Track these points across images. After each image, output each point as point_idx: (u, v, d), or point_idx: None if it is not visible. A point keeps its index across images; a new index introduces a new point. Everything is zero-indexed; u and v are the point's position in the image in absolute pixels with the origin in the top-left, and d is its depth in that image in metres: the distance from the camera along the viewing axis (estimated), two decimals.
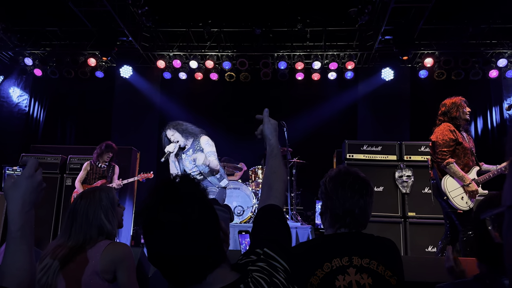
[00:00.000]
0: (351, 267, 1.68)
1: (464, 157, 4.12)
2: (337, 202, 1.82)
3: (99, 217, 2.14)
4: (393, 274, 1.70)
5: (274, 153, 1.68)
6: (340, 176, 1.88)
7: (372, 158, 6.04)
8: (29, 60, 8.64)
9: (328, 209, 1.86)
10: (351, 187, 1.82)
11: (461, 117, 4.21)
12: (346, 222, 1.82)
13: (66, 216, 2.21)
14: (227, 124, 8.85)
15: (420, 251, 5.66)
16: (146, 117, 9.29)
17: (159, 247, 1.09)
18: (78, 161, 6.80)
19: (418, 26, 7.44)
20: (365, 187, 1.85)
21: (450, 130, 4.12)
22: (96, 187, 2.31)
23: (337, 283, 1.64)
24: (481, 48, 8.16)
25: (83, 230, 2.10)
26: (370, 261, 1.71)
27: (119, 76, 8.96)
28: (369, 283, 1.66)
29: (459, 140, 4.11)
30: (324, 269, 1.67)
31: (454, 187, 4.07)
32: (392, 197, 5.87)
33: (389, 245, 1.83)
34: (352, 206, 1.80)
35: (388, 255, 1.76)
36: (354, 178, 1.86)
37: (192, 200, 1.12)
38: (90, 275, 1.99)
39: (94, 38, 8.21)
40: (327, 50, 8.53)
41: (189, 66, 8.72)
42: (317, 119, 8.79)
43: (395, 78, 8.57)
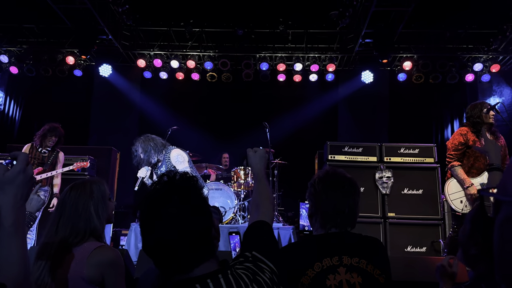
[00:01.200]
0: (341, 266, 1.72)
1: (474, 161, 4.25)
2: (328, 203, 1.85)
3: (89, 210, 2.06)
4: (381, 273, 1.75)
5: (259, 178, 1.84)
6: (329, 177, 1.92)
7: (353, 159, 6.11)
8: (4, 57, 8.42)
9: (318, 210, 1.89)
10: (341, 188, 1.87)
11: (483, 121, 4.31)
12: (337, 222, 1.85)
13: (54, 209, 2.14)
14: (209, 125, 8.86)
15: (400, 250, 5.75)
16: (126, 117, 9.19)
17: (157, 234, 1.19)
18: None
19: (397, 30, 7.59)
20: (353, 187, 1.90)
21: (461, 134, 4.32)
22: (88, 179, 2.22)
23: (328, 282, 1.68)
24: (458, 53, 8.37)
25: (71, 222, 2.02)
26: (359, 260, 1.75)
27: (98, 75, 8.82)
28: (359, 281, 1.70)
29: (469, 144, 4.24)
30: (314, 268, 1.71)
31: (455, 190, 4.23)
32: (372, 198, 5.94)
33: (376, 244, 1.88)
34: (342, 206, 1.85)
35: (376, 254, 1.81)
36: (342, 179, 1.91)
37: (187, 196, 1.23)
38: (76, 279, 1.93)
39: (73, 36, 8.05)
40: (308, 52, 8.61)
41: (170, 65, 8.66)
42: (299, 120, 8.89)
43: (374, 81, 8.70)
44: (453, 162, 4.29)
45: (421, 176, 5.91)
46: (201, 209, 1.25)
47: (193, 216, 1.21)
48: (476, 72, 8.44)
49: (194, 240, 1.20)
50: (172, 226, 1.18)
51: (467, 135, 4.29)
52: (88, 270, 1.93)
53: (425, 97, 8.95)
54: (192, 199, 1.24)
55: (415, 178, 5.98)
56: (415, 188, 5.98)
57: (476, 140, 4.26)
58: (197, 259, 1.21)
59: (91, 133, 8.95)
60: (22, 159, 1.26)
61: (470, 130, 4.34)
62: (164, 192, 1.23)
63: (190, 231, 1.20)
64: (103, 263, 1.98)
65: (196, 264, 1.21)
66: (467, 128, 4.36)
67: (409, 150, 6.10)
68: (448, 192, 4.27)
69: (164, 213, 1.19)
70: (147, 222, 1.21)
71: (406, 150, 6.10)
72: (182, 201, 1.21)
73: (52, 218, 2.09)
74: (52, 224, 2.05)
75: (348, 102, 9.11)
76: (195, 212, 1.22)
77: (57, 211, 2.07)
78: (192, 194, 1.25)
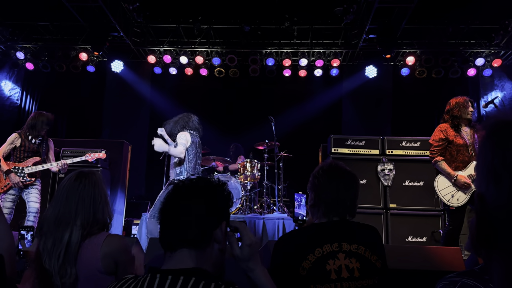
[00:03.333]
0: (341, 252, 1.82)
1: (457, 154, 4.35)
2: (331, 194, 1.94)
3: (103, 200, 2.07)
4: (378, 258, 1.86)
5: None
6: (332, 169, 2.02)
7: (356, 152, 6.28)
8: (21, 54, 8.65)
9: (321, 200, 1.97)
10: (343, 180, 1.97)
11: (462, 117, 4.43)
12: (339, 212, 1.95)
13: (56, 198, 2.02)
14: (216, 119, 8.98)
15: (401, 240, 5.94)
16: (137, 111, 9.40)
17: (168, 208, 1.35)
18: (71, 154, 6.80)
19: (401, 26, 7.69)
20: (353, 179, 2.02)
21: (441, 130, 4.44)
22: (90, 171, 2.14)
23: (327, 267, 1.78)
24: (460, 48, 8.44)
25: (88, 213, 1.99)
26: (358, 246, 1.85)
27: (110, 70, 9.02)
28: (357, 266, 1.80)
29: (450, 139, 4.37)
30: (315, 254, 1.80)
31: (445, 186, 4.34)
32: (374, 190, 6.12)
33: (373, 232, 1.99)
34: (344, 196, 1.95)
35: (373, 241, 1.91)
36: (344, 171, 2.02)
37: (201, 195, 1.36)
38: (92, 271, 1.93)
39: (86, 33, 8.26)
40: (313, 48, 8.74)
41: (179, 61, 8.82)
42: (304, 114, 9.01)
43: (378, 76, 8.80)
44: (436, 157, 4.39)
45: (422, 169, 6.05)
46: (213, 211, 1.35)
47: (207, 215, 1.33)
48: (478, 66, 8.52)
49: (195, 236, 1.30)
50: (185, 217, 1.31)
51: (446, 131, 4.39)
52: (103, 261, 1.94)
53: (427, 92, 9.03)
54: (209, 201, 1.35)
55: (416, 170, 6.13)
56: (416, 180, 6.14)
57: (456, 135, 4.36)
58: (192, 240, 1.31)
59: (104, 127, 9.18)
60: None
61: (449, 125, 4.43)
62: (187, 187, 1.37)
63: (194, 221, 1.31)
64: (116, 251, 1.99)
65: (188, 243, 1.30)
66: (446, 124, 4.45)
67: (411, 143, 6.25)
68: (438, 188, 4.36)
69: (182, 205, 1.33)
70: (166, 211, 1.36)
71: (407, 143, 6.26)
72: (198, 199, 1.34)
73: (56, 209, 1.99)
74: (64, 215, 1.97)
75: (352, 96, 9.22)
76: (209, 212, 1.33)
77: (68, 201, 2.00)
78: (210, 196, 1.36)
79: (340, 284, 1.78)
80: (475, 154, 4.35)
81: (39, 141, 5.22)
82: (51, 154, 5.37)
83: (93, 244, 1.96)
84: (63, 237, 1.92)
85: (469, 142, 4.38)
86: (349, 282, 1.79)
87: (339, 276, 1.79)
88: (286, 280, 1.78)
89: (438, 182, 4.41)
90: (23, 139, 5.13)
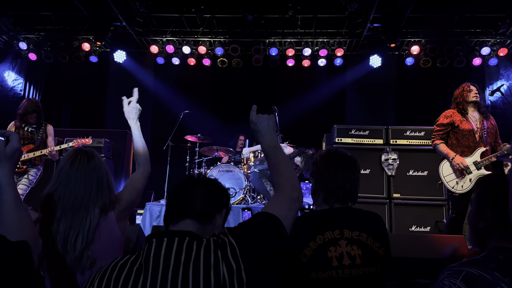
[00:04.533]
0: (342, 239, 1.82)
1: (462, 139, 4.31)
2: (330, 179, 1.96)
3: (110, 180, 2.04)
4: (381, 245, 1.85)
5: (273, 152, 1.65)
6: (330, 155, 2.04)
7: (360, 142, 6.26)
8: (23, 44, 8.63)
9: (321, 186, 1.99)
10: (342, 164, 1.98)
11: (467, 100, 4.38)
12: (339, 197, 1.95)
13: (67, 180, 1.90)
14: (219, 109, 9.00)
15: (404, 230, 5.92)
16: (140, 101, 9.32)
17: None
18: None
19: (405, 15, 7.61)
20: (353, 163, 2.02)
21: (446, 116, 4.41)
22: (89, 149, 2.06)
23: (329, 254, 1.78)
24: (466, 37, 8.34)
25: (101, 197, 1.94)
26: (360, 233, 1.84)
27: (113, 60, 9.00)
28: (359, 254, 1.80)
29: (456, 124, 4.32)
30: (317, 241, 1.80)
31: (450, 172, 4.30)
32: (378, 179, 6.11)
33: (376, 219, 1.98)
34: (343, 181, 1.95)
35: (376, 228, 1.91)
36: (343, 156, 2.03)
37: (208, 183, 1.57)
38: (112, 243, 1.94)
39: (88, 23, 8.25)
40: (317, 37, 8.67)
41: (182, 51, 8.79)
42: (307, 104, 8.95)
43: (382, 65, 8.73)
44: (436, 140, 4.40)
45: (426, 158, 6.01)
46: (217, 197, 1.56)
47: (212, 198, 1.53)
48: (484, 56, 8.42)
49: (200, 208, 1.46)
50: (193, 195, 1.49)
51: (452, 116, 4.36)
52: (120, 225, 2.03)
53: (432, 81, 8.99)
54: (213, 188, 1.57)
55: (420, 160, 6.10)
56: (420, 169, 6.12)
57: (463, 120, 4.31)
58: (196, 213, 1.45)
59: (107, 117, 9.18)
60: (16, 137, 1.39)
61: (456, 111, 4.40)
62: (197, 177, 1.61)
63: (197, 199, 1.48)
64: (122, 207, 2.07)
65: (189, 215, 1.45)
66: (453, 110, 4.42)
67: (415, 133, 6.22)
68: (443, 175, 4.33)
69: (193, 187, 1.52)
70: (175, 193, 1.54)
71: (412, 132, 6.23)
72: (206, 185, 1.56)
73: (77, 192, 1.88)
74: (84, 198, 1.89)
75: (356, 86, 9.15)
76: (214, 196, 1.54)
77: (86, 184, 1.91)
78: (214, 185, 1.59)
79: (341, 271, 1.78)
80: (483, 140, 4.31)
81: (33, 128, 5.20)
82: (49, 140, 5.32)
83: (109, 223, 1.96)
84: (84, 222, 1.85)
85: (477, 127, 4.31)
86: (350, 269, 1.78)
87: (341, 263, 1.78)
88: (287, 268, 1.77)
89: (443, 168, 4.38)
90: (17, 127, 5.17)
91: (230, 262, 1.22)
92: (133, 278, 1.20)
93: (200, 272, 1.19)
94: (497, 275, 1.23)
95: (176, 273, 1.18)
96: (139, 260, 1.25)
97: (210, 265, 1.20)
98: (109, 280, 1.21)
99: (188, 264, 1.20)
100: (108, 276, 1.22)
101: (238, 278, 1.20)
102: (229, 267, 1.21)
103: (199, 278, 1.18)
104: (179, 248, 1.24)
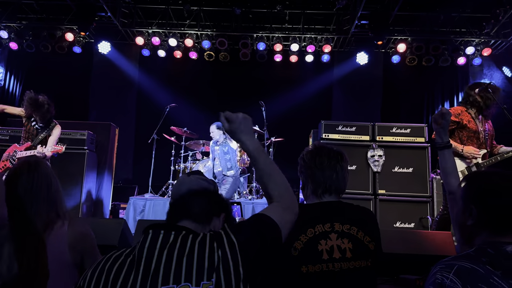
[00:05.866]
0: (333, 232, 1.81)
1: (467, 140, 4.25)
2: (316, 170, 1.95)
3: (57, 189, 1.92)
4: (371, 240, 1.84)
5: (257, 153, 1.61)
6: (315, 148, 2.04)
7: (347, 138, 6.25)
8: (4, 32, 8.43)
9: (309, 178, 1.98)
10: (327, 155, 1.97)
11: (486, 105, 4.24)
12: (327, 187, 1.95)
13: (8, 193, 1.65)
14: (206, 103, 8.91)
15: (389, 226, 5.94)
16: (125, 93, 9.27)
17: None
18: None
19: (393, 12, 7.69)
20: (339, 154, 2.01)
21: (455, 114, 4.25)
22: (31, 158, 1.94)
23: (319, 247, 1.77)
24: (451, 36, 8.46)
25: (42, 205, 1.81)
26: (350, 227, 1.84)
27: (97, 52, 8.86)
28: (349, 247, 1.79)
29: (463, 123, 4.24)
30: (307, 234, 1.79)
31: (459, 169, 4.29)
32: (364, 175, 6.10)
33: (368, 213, 1.99)
34: (330, 171, 1.95)
35: (367, 223, 1.90)
36: (328, 149, 2.02)
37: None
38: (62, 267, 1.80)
39: (72, 13, 8.09)
40: (305, 33, 8.67)
41: (168, 44, 8.70)
42: (294, 100, 8.96)
43: (369, 63, 8.79)
44: None
45: (411, 155, 6.03)
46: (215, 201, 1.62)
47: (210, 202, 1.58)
48: (468, 55, 8.55)
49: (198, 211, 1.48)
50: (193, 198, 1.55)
51: (461, 115, 4.26)
52: (73, 254, 1.86)
53: (417, 79, 9.09)
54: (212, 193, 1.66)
55: (406, 156, 6.12)
56: (405, 166, 6.14)
57: (471, 120, 4.25)
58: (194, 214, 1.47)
59: (91, 109, 9.04)
60: None
61: (465, 110, 4.29)
62: None
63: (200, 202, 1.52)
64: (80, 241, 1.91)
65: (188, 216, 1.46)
66: (462, 109, 4.31)
67: (401, 130, 6.23)
68: None
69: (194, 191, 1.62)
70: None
71: (398, 129, 6.24)
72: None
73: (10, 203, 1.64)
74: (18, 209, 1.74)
75: (343, 83, 9.21)
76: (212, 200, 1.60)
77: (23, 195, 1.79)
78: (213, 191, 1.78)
79: (332, 264, 1.76)
80: (485, 142, 4.28)
81: (40, 126, 4.90)
82: (50, 140, 4.88)
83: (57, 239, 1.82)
84: None
85: (481, 129, 4.29)
86: (341, 262, 1.77)
87: (331, 257, 1.77)
88: (278, 261, 1.75)
89: None
90: (26, 119, 4.92)
91: (226, 251, 1.23)
92: (126, 268, 1.19)
93: (193, 263, 1.19)
94: (489, 268, 1.25)
95: (169, 263, 1.18)
96: (134, 252, 1.24)
97: (204, 255, 1.21)
98: (102, 270, 1.20)
99: (181, 256, 1.20)
100: (101, 267, 1.22)
101: (236, 270, 1.21)
102: (224, 254, 1.23)
103: (192, 268, 1.18)
104: (174, 241, 1.25)
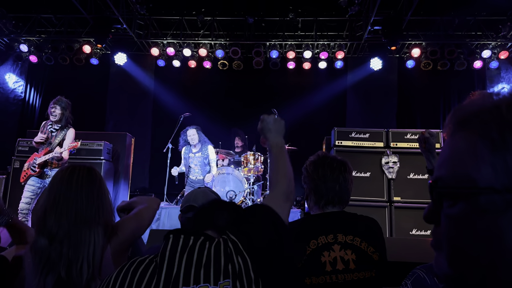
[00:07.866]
0: (336, 243, 1.78)
1: None
2: (319, 181, 1.93)
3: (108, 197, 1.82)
4: (375, 250, 1.81)
5: (278, 151, 1.67)
6: (319, 158, 2.02)
7: (360, 144, 6.21)
8: (24, 46, 8.68)
9: (311, 190, 1.97)
10: (330, 166, 1.95)
11: None
12: (330, 198, 1.92)
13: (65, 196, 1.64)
14: (220, 112, 8.98)
15: (405, 233, 5.87)
16: (140, 103, 9.42)
17: None
18: None
19: (406, 17, 7.61)
20: (342, 165, 1.98)
21: None
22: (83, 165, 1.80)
23: (322, 259, 1.75)
24: (466, 40, 8.33)
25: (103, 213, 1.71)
26: (353, 238, 1.81)
27: (113, 63, 9.04)
28: (353, 258, 1.76)
29: None
30: (310, 246, 1.77)
31: None
32: (378, 182, 6.05)
33: (371, 223, 1.94)
34: (333, 182, 1.91)
35: (370, 233, 1.87)
36: (331, 159, 1.99)
37: None
38: None
39: (89, 26, 8.28)
40: (317, 40, 8.66)
41: (182, 54, 8.81)
42: (308, 107, 8.93)
43: (383, 68, 8.73)
44: None
45: None
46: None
47: None
48: (485, 59, 8.41)
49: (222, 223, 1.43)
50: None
51: None
52: None
53: (433, 84, 8.97)
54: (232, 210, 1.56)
55: (421, 163, 5.98)
56: (420, 173, 6.06)
57: None
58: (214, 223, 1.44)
59: (108, 119, 9.20)
60: None
61: None
62: None
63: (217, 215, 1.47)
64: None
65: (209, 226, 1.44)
66: None
67: (415, 136, 6.19)
68: None
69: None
70: None
71: (412, 135, 6.16)
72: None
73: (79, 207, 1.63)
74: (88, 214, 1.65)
75: (357, 89, 9.15)
76: None
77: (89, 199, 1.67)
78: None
79: (335, 276, 1.75)
80: None
81: (55, 129, 5.00)
82: (66, 143, 4.97)
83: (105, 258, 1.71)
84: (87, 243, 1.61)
85: None
86: (344, 274, 1.75)
87: (334, 268, 1.75)
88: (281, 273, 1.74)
89: None
90: (42, 125, 5.05)
91: (240, 252, 1.23)
92: (150, 272, 1.21)
93: (211, 264, 1.20)
94: (435, 280, 1.30)
95: (189, 265, 1.20)
96: (157, 257, 1.26)
97: (220, 256, 1.22)
98: (126, 273, 1.20)
99: (201, 257, 1.21)
100: (126, 270, 1.22)
101: (246, 272, 1.18)
102: (238, 255, 1.22)
103: (210, 269, 1.19)
104: (194, 244, 1.25)
